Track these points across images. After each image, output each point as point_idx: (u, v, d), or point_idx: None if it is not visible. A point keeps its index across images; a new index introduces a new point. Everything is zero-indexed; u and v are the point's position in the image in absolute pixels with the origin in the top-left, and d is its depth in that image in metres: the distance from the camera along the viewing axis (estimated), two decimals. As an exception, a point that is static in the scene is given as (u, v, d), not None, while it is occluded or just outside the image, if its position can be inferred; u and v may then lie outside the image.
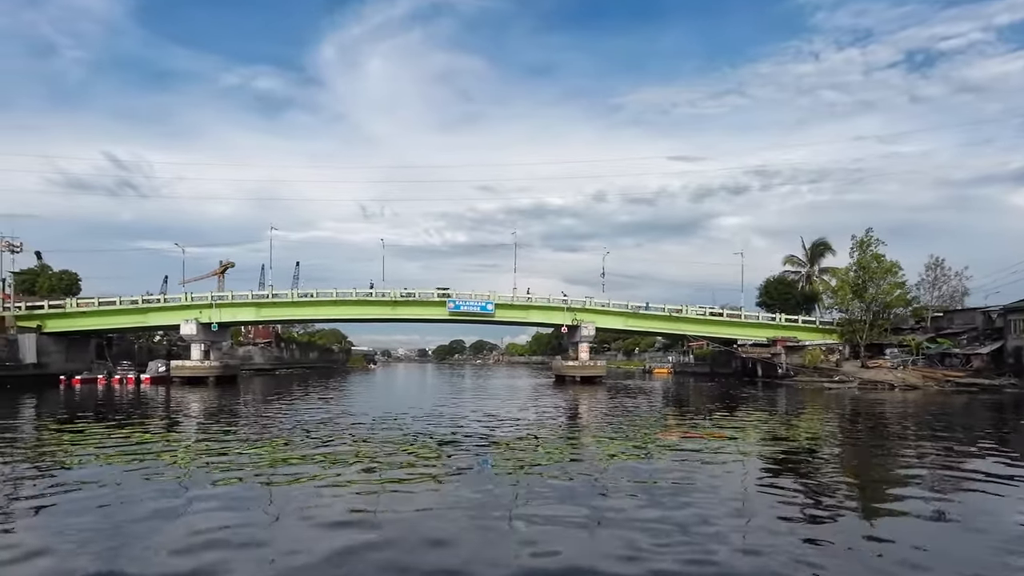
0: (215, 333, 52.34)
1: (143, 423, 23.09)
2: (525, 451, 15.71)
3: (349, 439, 17.67)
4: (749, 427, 21.53)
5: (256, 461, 14.29)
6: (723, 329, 56.33)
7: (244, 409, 29.34)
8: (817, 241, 66.29)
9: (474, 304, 52.61)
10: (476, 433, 19.03)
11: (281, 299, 52.12)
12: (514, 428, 20.82)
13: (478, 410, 27.25)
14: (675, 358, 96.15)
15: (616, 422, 23.30)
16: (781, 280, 64.35)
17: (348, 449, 15.76)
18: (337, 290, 52.40)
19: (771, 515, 9.50)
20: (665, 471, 12.95)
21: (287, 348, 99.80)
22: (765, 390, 42.68)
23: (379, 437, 18.10)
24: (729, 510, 9.74)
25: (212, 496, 10.60)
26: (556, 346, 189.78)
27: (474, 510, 9.59)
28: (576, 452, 15.97)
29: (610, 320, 54.56)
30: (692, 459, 14.51)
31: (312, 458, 14.34)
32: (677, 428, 21.72)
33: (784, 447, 16.98)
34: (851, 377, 46.34)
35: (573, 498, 10.38)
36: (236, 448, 16.29)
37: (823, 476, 13.33)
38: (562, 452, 15.68)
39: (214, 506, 9.87)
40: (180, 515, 9.25)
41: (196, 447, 16.78)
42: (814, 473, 13.65)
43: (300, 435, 18.73)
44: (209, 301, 50.96)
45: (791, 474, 13.33)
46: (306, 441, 17.40)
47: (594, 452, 16.01)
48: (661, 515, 9.19)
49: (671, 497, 10.36)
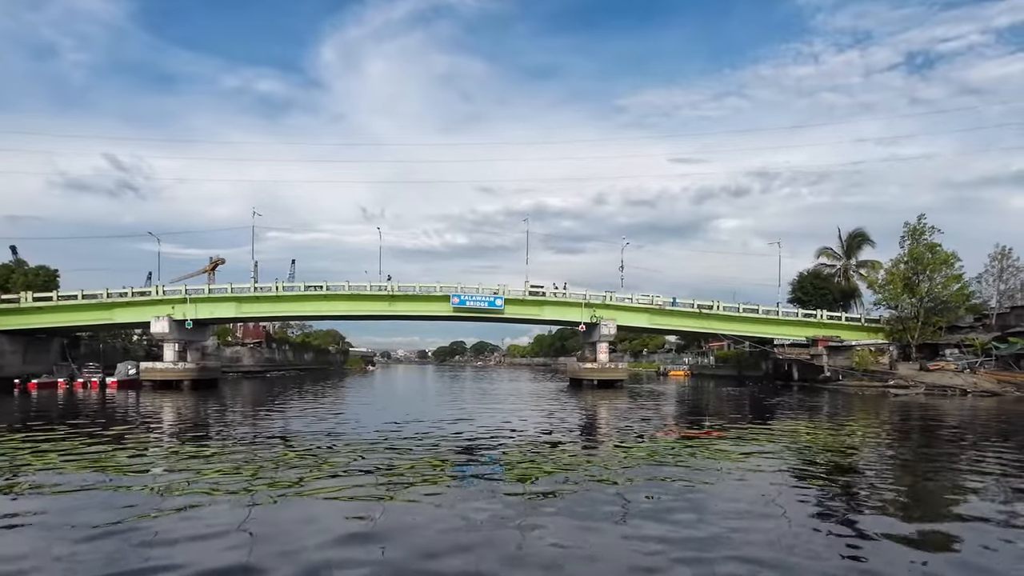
0: (192, 332, 46.73)
1: (94, 434, 18.55)
2: (582, 495, 10.14)
3: (323, 468, 12.75)
4: (822, 442, 16.77)
5: (202, 483, 11.15)
6: (757, 327, 50.67)
7: (218, 417, 25.18)
8: (854, 232, 60.69)
9: (481, 299, 46.96)
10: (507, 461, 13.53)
11: (264, 294, 46.48)
12: (550, 457, 15.22)
13: (495, 423, 21.64)
14: (691, 360, 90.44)
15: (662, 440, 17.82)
16: (816, 274, 58.70)
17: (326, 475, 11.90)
18: (327, 283, 46.81)
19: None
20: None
21: (279, 349, 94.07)
22: (808, 395, 37.57)
23: (375, 460, 13.56)
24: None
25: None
26: (559, 347, 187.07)
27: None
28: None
29: (633, 317, 48.92)
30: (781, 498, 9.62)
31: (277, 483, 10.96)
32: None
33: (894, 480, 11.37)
34: (911, 381, 40.69)
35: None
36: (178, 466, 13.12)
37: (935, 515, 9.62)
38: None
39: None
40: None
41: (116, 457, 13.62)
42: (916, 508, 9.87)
43: (271, 452, 14.88)
44: (183, 296, 45.32)
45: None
46: (276, 460, 13.63)
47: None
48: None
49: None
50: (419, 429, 19.49)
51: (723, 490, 10.69)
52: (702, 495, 10.24)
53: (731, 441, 16.95)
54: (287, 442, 16.57)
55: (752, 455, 14.57)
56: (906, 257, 48.21)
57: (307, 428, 20.18)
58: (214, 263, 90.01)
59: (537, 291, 48.37)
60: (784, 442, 17.23)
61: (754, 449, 15.52)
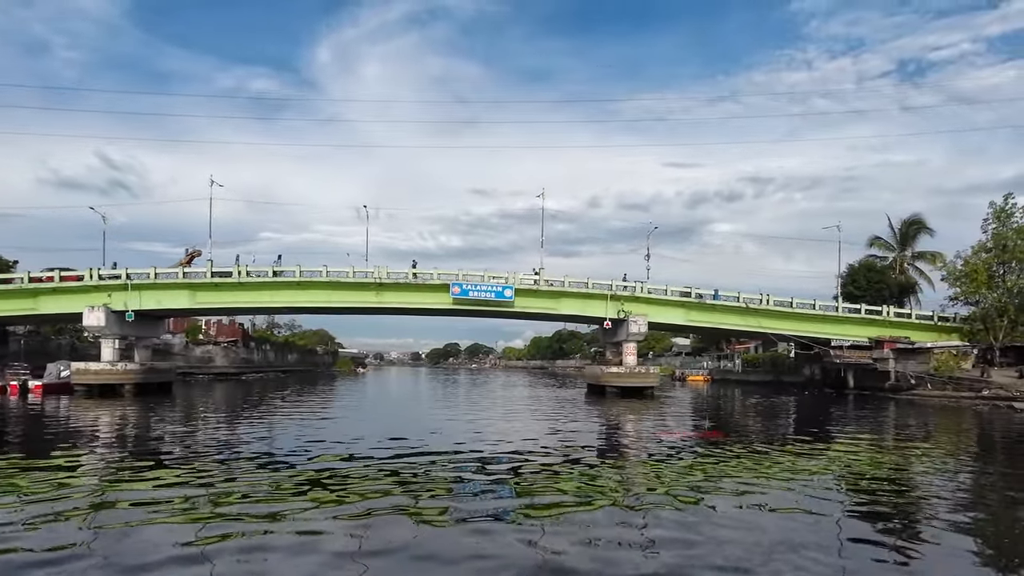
0: (137, 326, 38.61)
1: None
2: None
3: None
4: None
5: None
6: (813, 326, 42.98)
7: (143, 431, 19.54)
8: (910, 219, 53.18)
9: (487, 289, 39.07)
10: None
11: (224, 280, 38.42)
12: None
13: (512, 447, 13.86)
14: (710, 363, 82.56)
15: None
16: (870, 266, 51.11)
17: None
18: (302, 267, 38.82)
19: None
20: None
21: (259, 349, 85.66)
22: (880, 408, 30.64)
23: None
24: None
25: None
26: (558, 350, 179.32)
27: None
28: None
29: (666, 312, 41.13)
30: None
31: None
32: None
33: None
34: (1014, 391, 33.10)
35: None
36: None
37: None
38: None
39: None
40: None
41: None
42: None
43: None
44: (123, 281, 37.15)
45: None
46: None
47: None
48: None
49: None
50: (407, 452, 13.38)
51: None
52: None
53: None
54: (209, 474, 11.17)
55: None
56: (990, 243, 40.88)
57: (258, 448, 15.06)
58: (190, 255, 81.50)
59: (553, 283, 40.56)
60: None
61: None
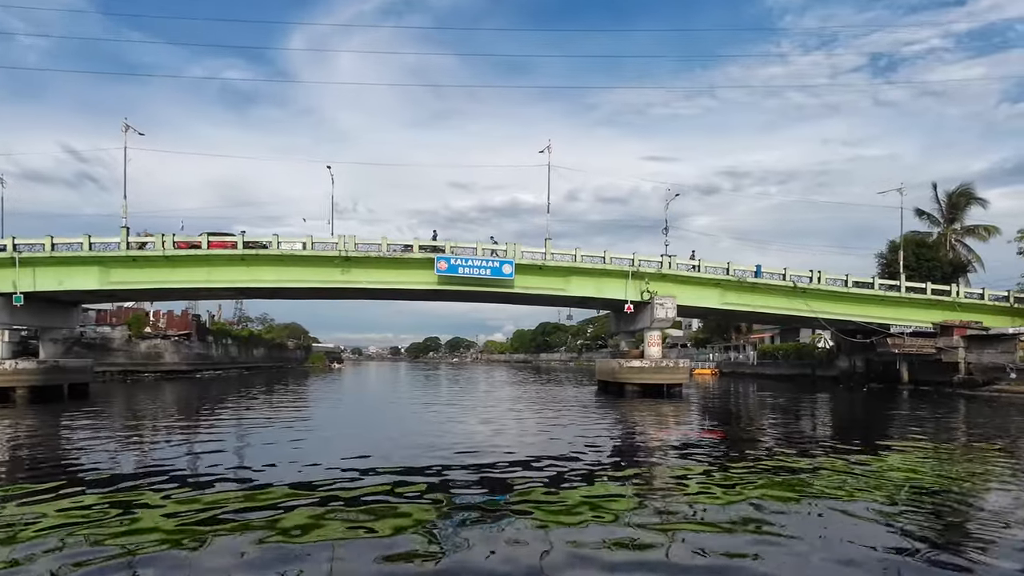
0: (35, 313, 30.25)
1: None
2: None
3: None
4: None
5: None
6: (869, 309, 36.02)
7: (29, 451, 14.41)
8: (959, 189, 46.60)
9: (481, 264, 31.33)
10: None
11: (146, 252, 30.13)
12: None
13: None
14: (717, 355, 75.87)
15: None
16: (920, 242, 44.43)
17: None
18: (245, 238, 30.65)
19: None
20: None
21: (218, 343, 76.76)
22: (948, 405, 25.29)
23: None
24: None
25: None
26: (542, 343, 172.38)
27: None
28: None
29: (699, 294, 33.84)
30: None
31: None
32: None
33: None
34: None
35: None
36: None
37: None
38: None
39: None
40: None
41: None
42: None
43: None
44: (8, 253, 28.61)
45: None
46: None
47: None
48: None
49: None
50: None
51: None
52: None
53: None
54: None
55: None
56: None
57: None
58: (140, 242, 72.45)
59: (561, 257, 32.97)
60: None
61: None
